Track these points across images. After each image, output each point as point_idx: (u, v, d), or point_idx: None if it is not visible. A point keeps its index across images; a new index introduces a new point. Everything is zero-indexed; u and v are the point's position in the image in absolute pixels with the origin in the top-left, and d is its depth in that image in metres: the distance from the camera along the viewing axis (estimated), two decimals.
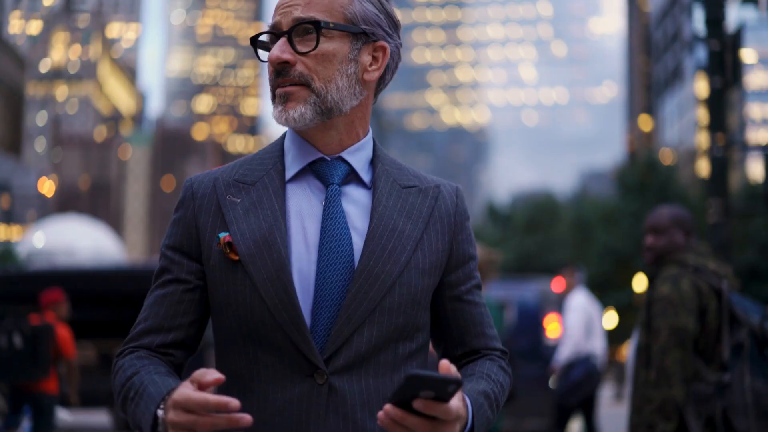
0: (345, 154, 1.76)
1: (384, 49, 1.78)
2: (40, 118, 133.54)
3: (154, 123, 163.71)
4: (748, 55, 63.50)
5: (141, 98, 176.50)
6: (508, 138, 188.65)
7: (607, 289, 40.36)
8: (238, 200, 1.73)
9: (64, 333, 8.21)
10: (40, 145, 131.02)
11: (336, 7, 1.73)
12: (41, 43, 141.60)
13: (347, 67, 1.73)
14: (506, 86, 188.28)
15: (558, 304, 12.03)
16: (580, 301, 9.86)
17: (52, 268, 15.39)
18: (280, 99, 1.72)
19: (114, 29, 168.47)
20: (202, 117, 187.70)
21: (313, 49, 1.70)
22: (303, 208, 1.73)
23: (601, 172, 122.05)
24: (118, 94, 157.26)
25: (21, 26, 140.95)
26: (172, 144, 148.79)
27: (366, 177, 1.78)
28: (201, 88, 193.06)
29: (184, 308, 1.74)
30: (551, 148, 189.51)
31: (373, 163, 1.80)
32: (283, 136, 1.84)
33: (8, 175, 73.03)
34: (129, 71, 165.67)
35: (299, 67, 1.71)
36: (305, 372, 1.64)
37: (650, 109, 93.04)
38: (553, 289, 13.31)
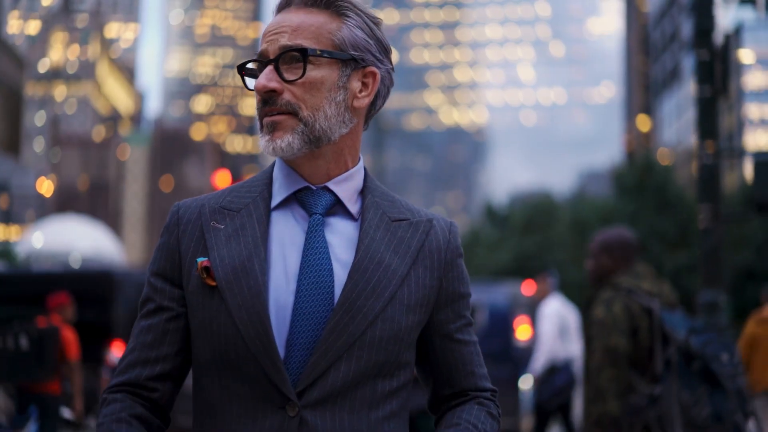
0: (331, 184, 1.73)
1: (374, 74, 1.75)
2: (39, 118, 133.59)
3: (153, 123, 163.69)
4: (745, 55, 63.63)
5: (139, 98, 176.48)
6: (506, 138, 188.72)
7: None
8: (222, 227, 1.71)
9: (68, 335, 8.36)
10: (38, 145, 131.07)
11: (324, 33, 1.70)
12: (40, 43, 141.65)
13: (336, 95, 1.70)
14: (504, 86, 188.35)
15: (528, 306, 12.59)
16: (553, 307, 10.02)
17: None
18: (268, 128, 1.69)
19: (112, 29, 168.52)
20: (200, 117, 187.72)
21: (300, 77, 1.68)
22: (285, 237, 1.70)
23: (599, 173, 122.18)
24: (116, 94, 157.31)
25: (19, 26, 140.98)
26: (170, 144, 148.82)
27: (353, 208, 1.74)
28: (199, 88, 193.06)
29: (169, 338, 1.72)
30: (549, 148, 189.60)
31: (362, 193, 1.76)
32: (273, 164, 1.82)
33: (7, 175, 73.07)
34: (127, 71, 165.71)
35: (287, 96, 1.68)
36: (277, 404, 1.61)
37: (648, 110, 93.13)
38: (523, 292, 13.81)
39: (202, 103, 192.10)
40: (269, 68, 1.69)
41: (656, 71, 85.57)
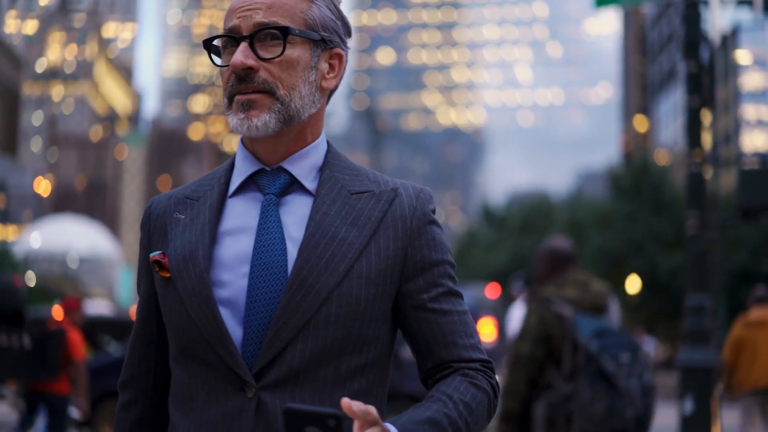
0: (285, 164, 1.71)
1: (340, 56, 1.75)
2: (36, 118, 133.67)
3: (150, 123, 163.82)
4: (742, 56, 63.77)
5: (137, 98, 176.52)
6: (503, 138, 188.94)
7: None
8: (183, 216, 1.73)
9: (75, 337, 8.63)
10: (36, 144, 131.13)
11: (297, 12, 1.69)
12: (37, 42, 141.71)
13: (309, 75, 1.70)
14: (502, 87, 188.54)
15: (493, 308, 13.01)
16: (521, 310, 10.16)
17: None
18: (242, 106, 1.66)
19: (110, 29, 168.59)
20: (198, 117, 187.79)
21: (279, 56, 1.66)
22: (240, 221, 1.70)
23: (596, 173, 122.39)
24: (114, 93, 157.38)
25: (17, 26, 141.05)
26: (168, 144, 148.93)
27: (311, 185, 1.72)
28: (197, 88, 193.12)
29: (156, 345, 1.80)
30: (547, 148, 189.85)
31: (321, 169, 1.74)
32: None
33: (4, 175, 73.15)
34: (125, 71, 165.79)
35: (263, 74, 1.66)
36: (237, 387, 1.61)
37: (645, 110, 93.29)
38: (487, 295, 14.32)
39: (199, 103, 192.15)
40: (245, 45, 1.66)
41: (653, 72, 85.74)
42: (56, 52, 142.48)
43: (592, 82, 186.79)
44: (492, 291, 14.12)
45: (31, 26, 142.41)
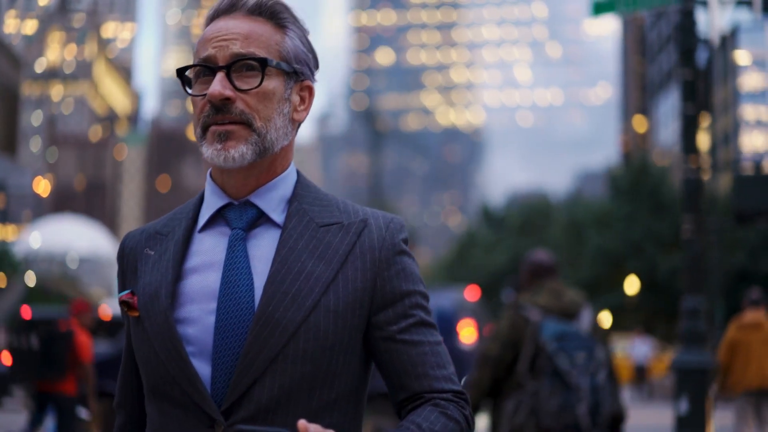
0: (253, 197, 1.69)
1: (310, 89, 1.75)
2: (36, 118, 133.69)
3: (150, 123, 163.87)
4: (742, 57, 63.88)
5: (136, 98, 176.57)
6: (503, 139, 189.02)
7: (600, 290, 40.70)
8: (152, 253, 1.72)
9: (83, 339, 8.79)
10: (35, 144, 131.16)
11: (272, 44, 1.69)
12: (37, 42, 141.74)
13: (283, 107, 1.69)
14: (501, 87, 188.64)
15: (472, 311, 13.58)
16: None
17: None
18: (219, 137, 1.65)
19: (109, 29, 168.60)
20: None
21: (256, 87, 1.65)
22: (207, 257, 1.68)
23: (596, 173, 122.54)
24: (113, 93, 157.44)
25: (16, 26, 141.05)
26: (167, 144, 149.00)
27: (279, 218, 1.70)
28: None
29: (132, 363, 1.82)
30: (546, 149, 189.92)
31: (291, 201, 1.72)
32: None
33: (4, 175, 73.21)
34: (124, 71, 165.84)
35: (240, 105, 1.65)
36: (206, 424, 1.60)
37: (645, 110, 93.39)
38: (467, 297, 14.88)
39: None
40: (222, 75, 1.65)
41: (653, 72, 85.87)
42: (55, 52, 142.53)
43: (591, 83, 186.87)
44: (471, 293, 14.71)
45: (30, 26, 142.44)
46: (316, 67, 1.78)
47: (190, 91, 1.71)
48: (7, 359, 10.46)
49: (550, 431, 4.78)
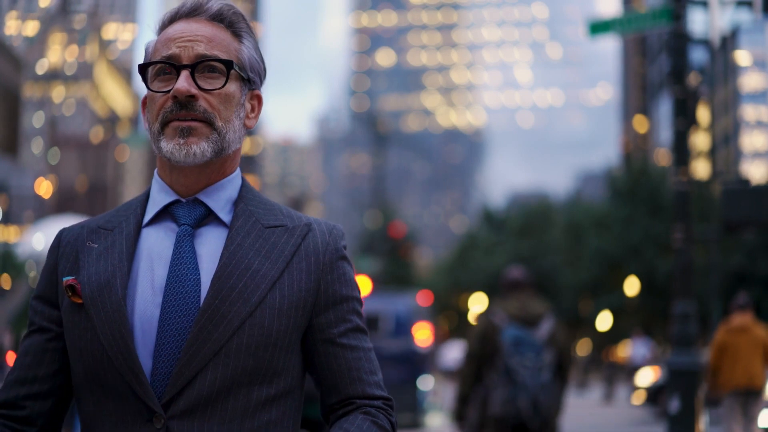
0: (201, 195, 1.74)
1: (260, 98, 1.81)
2: (37, 119, 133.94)
3: None
4: (742, 57, 64.07)
5: (137, 99, 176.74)
6: (503, 140, 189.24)
7: (600, 291, 40.93)
8: (96, 246, 1.73)
9: None
10: (37, 146, 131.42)
11: (232, 50, 1.74)
12: (38, 44, 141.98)
13: (240, 111, 1.75)
14: (502, 88, 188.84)
15: (426, 315, 14.67)
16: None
17: None
18: (181, 132, 1.69)
19: (110, 30, 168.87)
20: None
21: (220, 88, 1.71)
22: (154, 251, 1.71)
23: (596, 174, 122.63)
24: (114, 95, 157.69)
25: (17, 27, 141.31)
26: None
27: (226, 217, 1.74)
28: None
29: (48, 358, 1.74)
30: (547, 149, 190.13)
31: (236, 203, 1.76)
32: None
33: (5, 176, 73.44)
34: (125, 72, 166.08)
35: (203, 104, 1.69)
36: (145, 417, 1.61)
37: (645, 111, 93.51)
38: (419, 302, 15.80)
39: None
40: (186, 73, 1.69)
41: (653, 72, 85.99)
42: (57, 53, 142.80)
43: (591, 83, 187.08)
44: (424, 298, 16.06)
45: (31, 27, 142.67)
46: (264, 77, 1.84)
47: (152, 87, 1.73)
48: (12, 360, 10.66)
49: (497, 419, 5.77)
